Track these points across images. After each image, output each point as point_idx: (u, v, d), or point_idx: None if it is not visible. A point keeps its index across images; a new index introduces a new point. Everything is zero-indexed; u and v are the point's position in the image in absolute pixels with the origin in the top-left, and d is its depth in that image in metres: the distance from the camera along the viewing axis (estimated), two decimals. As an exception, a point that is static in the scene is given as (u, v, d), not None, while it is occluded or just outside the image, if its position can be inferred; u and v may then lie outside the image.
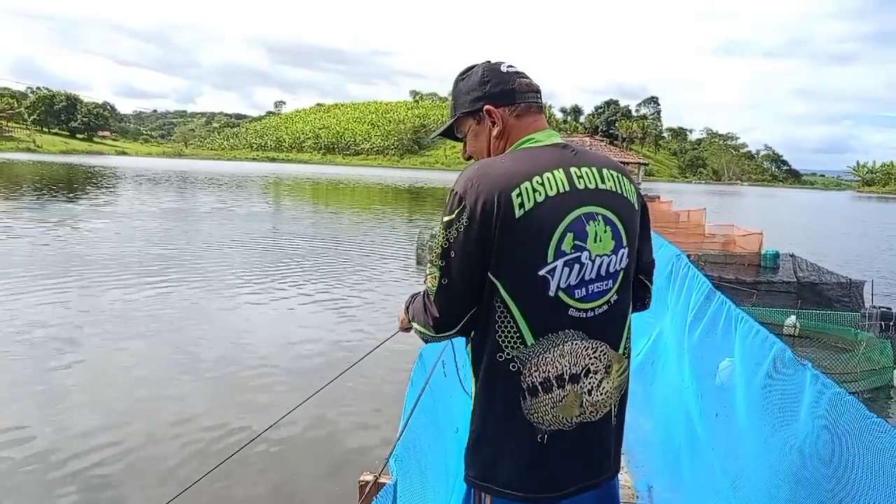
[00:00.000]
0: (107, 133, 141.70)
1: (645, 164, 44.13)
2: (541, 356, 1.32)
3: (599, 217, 1.36)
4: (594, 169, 1.39)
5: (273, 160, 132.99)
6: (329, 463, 4.83)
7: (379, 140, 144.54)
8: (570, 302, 1.33)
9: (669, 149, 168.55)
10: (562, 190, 1.33)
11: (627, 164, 40.70)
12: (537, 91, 1.50)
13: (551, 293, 1.31)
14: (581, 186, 1.35)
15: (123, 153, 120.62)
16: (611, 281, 1.37)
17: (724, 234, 17.33)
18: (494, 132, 1.46)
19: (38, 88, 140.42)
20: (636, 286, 1.58)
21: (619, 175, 1.43)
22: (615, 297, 1.39)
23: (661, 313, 4.01)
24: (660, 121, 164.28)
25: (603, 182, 1.39)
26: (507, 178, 1.31)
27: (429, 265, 1.41)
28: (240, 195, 36.03)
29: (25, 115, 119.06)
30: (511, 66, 1.50)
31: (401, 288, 11.57)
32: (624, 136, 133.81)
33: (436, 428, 2.05)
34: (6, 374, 6.29)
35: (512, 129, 1.46)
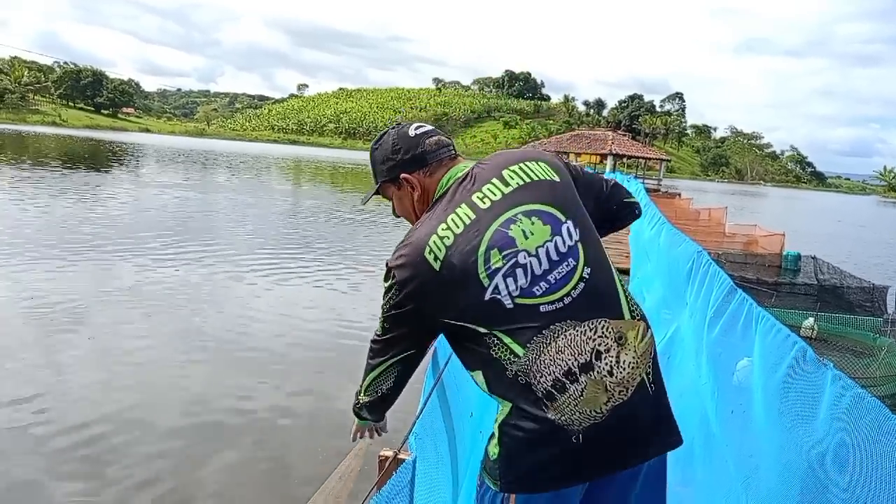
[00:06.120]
0: (131, 110, 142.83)
1: (667, 161, 43.69)
2: (538, 361, 1.30)
3: (518, 216, 1.38)
4: (494, 181, 1.43)
5: (294, 143, 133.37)
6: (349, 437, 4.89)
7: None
8: (534, 301, 1.33)
9: (692, 146, 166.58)
10: (468, 222, 1.38)
11: (649, 159, 40.34)
12: (447, 145, 1.58)
13: (510, 305, 1.32)
14: (486, 206, 1.40)
15: (147, 130, 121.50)
16: (571, 259, 1.37)
17: (745, 233, 17.11)
18: (415, 196, 1.56)
19: (65, 63, 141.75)
20: (624, 209, 1.67)
21: (521, 165, 1.47)
22: (588, 270, 1.37)
23: (678, 309, 3.99)
24: (684, 117, 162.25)
25: (507, 185, 1.42)
26: (419, 242, 1.39)
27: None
28: (260, 176, 36.25)
29: (52, 89, 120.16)
30: (420, 127, 1.57)
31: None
32: (647, 131, 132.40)
33: (452, 410, 2.06)
34: (10, 345, 6.37)
35: (429, 187, 1.54)
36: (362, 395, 1.66)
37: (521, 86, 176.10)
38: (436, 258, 1.35)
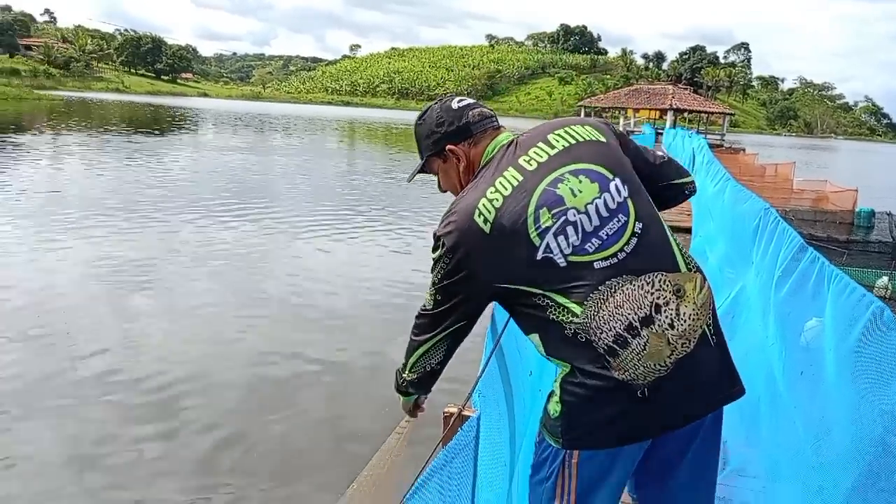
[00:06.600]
0: (189, 75, 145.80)
1: (731, 115, 41.89)
2: (596, 317, 1.29)
3: (565, 175, 1.37)
4: (539, 144, 1.43)
5: (348, 104, 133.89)
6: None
7: (452, 85, 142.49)
8: (588, 258, 1.32)
9: (758, 99, 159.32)
10: (515, 184, 1.38)
11: (712, 114, 38.80)
12: (490, 116, 1.59)
13: (563, 264, 1.32)
14: (532, 168, 1.40)
15: (205, 95, 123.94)
16: (622, 214, 1.36)
17: (815, 189, 16.33)
18: (461, 168, 1.57)
19: (126, 30, 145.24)
20: (671, 190, 1.61)
21: (566, 129, 1.47)
22: (640, 225, 1.36)
23: (743, 268, 3.87)
24: (749, 69, 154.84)
25: (552, 148, 1.42)
26: (468, 207, 1.40)
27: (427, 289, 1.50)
28: (315, 137, 36.64)
29: (114, 57, 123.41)
30: (462, 100, 1.58)
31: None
32: (709, 84, 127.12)
33: (512, 369, 2.07)
34: (85, 302, 6.70)
35: (474, 158, 1.55)
36: (407, 372, 1.61)
37: (577, 40, 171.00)
38: (485, 220, 1.36)
